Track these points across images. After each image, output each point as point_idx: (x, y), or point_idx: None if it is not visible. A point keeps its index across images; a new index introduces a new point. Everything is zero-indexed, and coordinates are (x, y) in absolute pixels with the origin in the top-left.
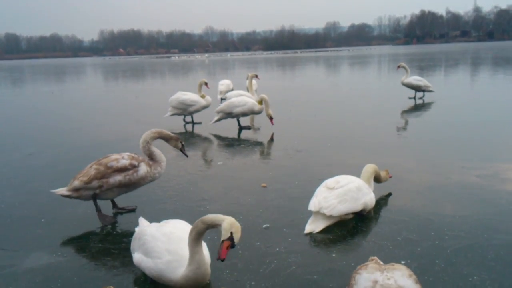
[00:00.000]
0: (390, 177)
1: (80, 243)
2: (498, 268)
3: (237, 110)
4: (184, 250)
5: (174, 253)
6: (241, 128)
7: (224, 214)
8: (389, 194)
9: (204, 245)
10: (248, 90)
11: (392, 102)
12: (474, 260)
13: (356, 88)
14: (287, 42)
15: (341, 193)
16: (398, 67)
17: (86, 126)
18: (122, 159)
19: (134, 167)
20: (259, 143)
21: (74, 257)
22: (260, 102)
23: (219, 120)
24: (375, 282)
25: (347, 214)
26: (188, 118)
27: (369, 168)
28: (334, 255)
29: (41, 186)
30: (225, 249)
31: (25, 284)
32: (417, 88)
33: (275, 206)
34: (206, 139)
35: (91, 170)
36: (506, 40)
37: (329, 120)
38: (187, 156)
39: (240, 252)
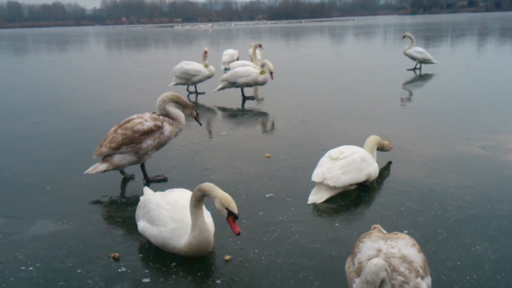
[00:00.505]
0: (391, 148)
1: (85, 211)
2: (500, 238)
3: (241, 80)
4: (188, 218)
5: (179, 221)
6: (245, 98)
7: (227, 184)
8: (393, 165)
9: (208, 213)
10: (252, 60)
11: (398, 72)
12: (477, 230)
13: (361, 58)
14: (291, 12)
15: (345, 163)
16: (404, 37)
17: (90, 96)
18: (146, 121)
19: (159, 128)
20: (263, 114)
21: (80, 225)
22: (263, 71)
23: (222, 88)
24: (379, 250)
25: (350, 184)
26: (192, 88)
27: (373, 139)
28: (337, 224)
29: (45, 155)
30: (232, 223)
31: (32, 251)
32: (416, 60)
33: (278, 176)
34: (209, 109)
35: (117, 136)
36: None
37: (333, 91)
38: (201, 124)
39: (243, 221)
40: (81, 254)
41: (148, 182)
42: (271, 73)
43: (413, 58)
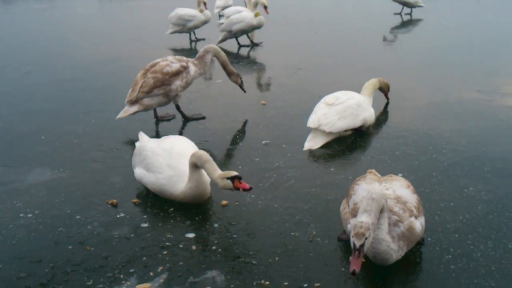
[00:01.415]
0: (388, 99)
1: (81, 159)
2: (493, 180)
3: (235, 27)
4: (184, 166)
5: (175, 168)
6: (240, 46)
7: (223, 132)
8: (389, 111)
9: None
10: (246, 5)
11: (396, 20)
12: (471, 172)
13: (357, 6)
14: None
15: (341, 109)
16: None
17: (81, 45)
18: (172, 63)
19: (185, 68)
20: (259, 61)
21: (76, 173)
22: (257, 14)
23: (224, 40)
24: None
25: (346, 130)
26: (193, 36)
27: (372, 83)
28: (332, 169)
29: (39, 105)
30: (241, 183)
31: (29, 198)
32: (405, 4)
33: (274, 123)
34: None
35: (148, 79)
36: None
37: (329, 39)
38: (245, 91)
39: (240, 167)
40: (79, 201)
41: (187, 120)
42: (265, 8)
43: (400, 2)
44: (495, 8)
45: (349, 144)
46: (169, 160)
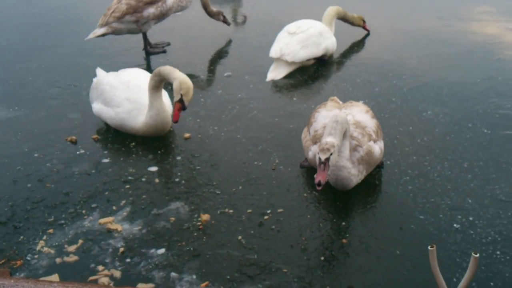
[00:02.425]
0: (368, 30)
1: (37, 97)
2: (451, 103)
3: None
4: (143, 98)
5: (134, 101)
6: None
7: (184, 65)
8: (351, 39)
9: (165, 93)
10: None
11: None
12: (429, 96)
13: None
14: None
15: (303, 38)
16: None
17: None
18: None
19: None
20: None
21: (33, 111)
22: None
23: None
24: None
25: (308, 59)
26: None
27: (331, 11)
28: (295, 99)
29: None
30: (177, 111)
31: None
32: None
33: (236, 55)
34: None
35: (121, 5)
36: None
37: None
38: (229, 24)
39: (202, 100)
40: (36, 139)
41: (151, 47)
42: None
43: None
44: None
45: (312, 73)
46: (127, 93)
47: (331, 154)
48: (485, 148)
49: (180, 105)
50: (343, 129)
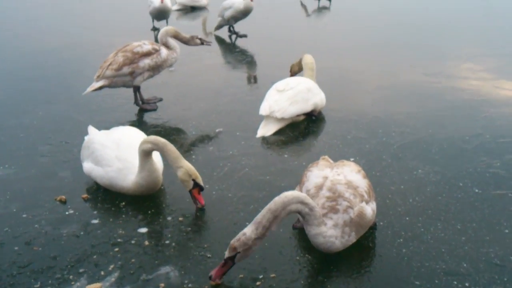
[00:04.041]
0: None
1: (28, 154)
2: (440, 161)
3: (227, 13)
4: (134, 157)
5: (124, 160)
6: (237, 36)
7: (177, 120)
8: (340, 95)
9: (155, 153)
10: None
11: (346, 4)
12: (419, 154)
13: None
14: None
15: (291, 94)
16: None
17: (30, 34)
18: (144, 45)
19: (156, 50)
20: (210, 48)
21: (23, 169)
22: None
23: (219, 27)
24: (325, 178)
25: (298, 115)
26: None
27: (304, 67)
28: (286, 156)
29: None
30: (198, 195)
31: None
32: None
33: (228, 110)
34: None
35: (118, 58)
36: None
37: (277, 23)
38: (210, 44)
39: (193, 157)
40: (25, 198)
41: (139, 105)
42: None
43: None
44: None
45: (302, 129)
46: (118, 152)
47: (238, 253)
48: (477, 208)
49: (198, 190)
50: (277, 218)
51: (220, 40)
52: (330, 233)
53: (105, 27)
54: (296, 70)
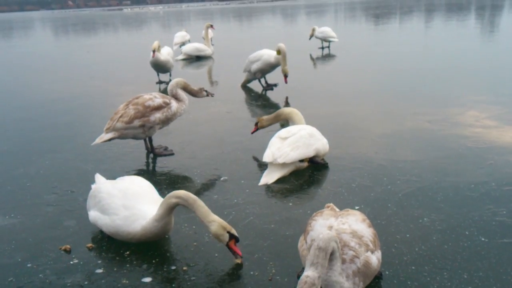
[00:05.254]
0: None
1: (34, 203)
2: (446, 209)
3: (254, 66)
4: (140, 204)
5: (131, 207)
6: (267, 87)
7: (182, 169)
8: (344, 142)
9: None
10: (204, 40)
11: (351, 52)
12: (424, 202)
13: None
14: None
15: (293, 140)
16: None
17: (36, 84)
18: (156, 98)
19: (167, 104)
20: (217, 97)
21: (28, 218)
22: (278, 52)
23: (247, 81)
24: (331, 227)
25: (301, 162)
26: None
27: (292, 114)
28: (291, 204)
29: None
30: (234, 246)
31: None
32: (323, 39)
33: (232, 158)
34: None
35: (129, 110)
36: None
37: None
38: (213, 95)
39: None
40: (30, 248)
41: (155, 155)
42: (286, 76)
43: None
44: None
45: (306, 178)
46: (124, 201)
47: None
48: (483, 257)
49: (234, 241)
50: (327, 254)
51: (225, 89)
52: (347, 286)
53: (112, 76)
54: (264, 124)
